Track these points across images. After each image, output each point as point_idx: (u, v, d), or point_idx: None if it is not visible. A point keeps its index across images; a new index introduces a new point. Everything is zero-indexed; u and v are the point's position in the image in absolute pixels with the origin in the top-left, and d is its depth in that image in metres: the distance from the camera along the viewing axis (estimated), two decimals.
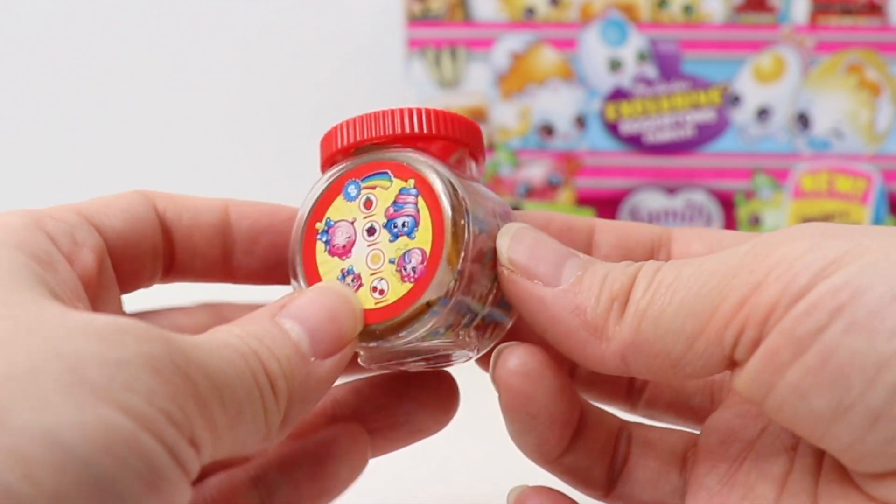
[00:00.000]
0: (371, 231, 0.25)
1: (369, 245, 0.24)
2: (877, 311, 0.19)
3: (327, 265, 0.25)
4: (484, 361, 0.27)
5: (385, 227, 0.24)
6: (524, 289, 0.24)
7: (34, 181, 0.73)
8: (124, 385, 0.17)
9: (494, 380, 0.25)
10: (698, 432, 0.27)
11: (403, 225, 0.24)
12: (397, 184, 0.24)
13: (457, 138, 0.25)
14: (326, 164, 0.26)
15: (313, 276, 0.25)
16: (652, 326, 0.23)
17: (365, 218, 0.25)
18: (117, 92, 0.73)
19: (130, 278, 0.26)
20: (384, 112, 0.25)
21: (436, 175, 0.24)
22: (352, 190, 0.25)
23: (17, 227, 0.21)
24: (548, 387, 0.25)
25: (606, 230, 0.28)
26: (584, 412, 0.27)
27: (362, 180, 0.25)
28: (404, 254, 0.24)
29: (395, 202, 0.24)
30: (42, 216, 0.23)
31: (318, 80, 0.71)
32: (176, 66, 0.73)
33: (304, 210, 0.26)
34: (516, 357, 0.25)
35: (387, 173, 0.25)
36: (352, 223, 0.25)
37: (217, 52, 0.73)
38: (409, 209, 0.24)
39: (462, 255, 0.24)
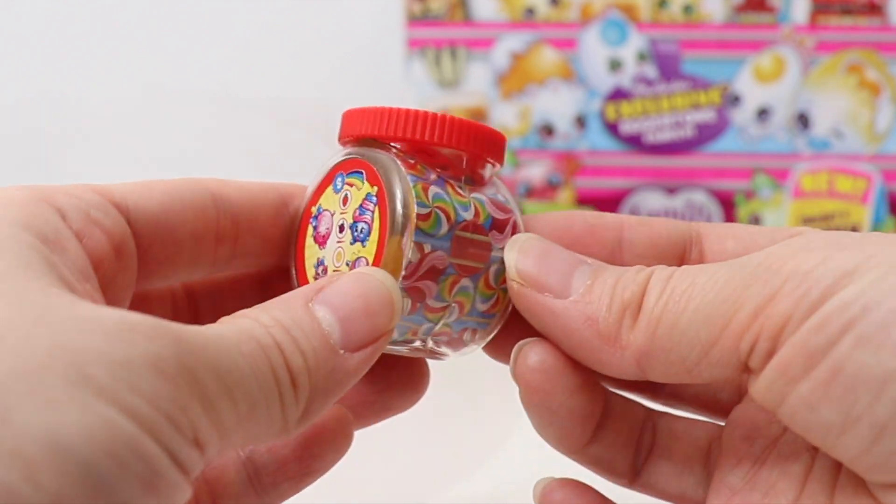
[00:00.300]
0: (341, 228, 0.25)
1: (338, 242, 0.25)
2: (884, 326, 0.20)
3: (311, 250, 0.26)
4: (504, 355, 0.27)
5: (350, 228, 0.25)
6: (535, 302, 0.24)
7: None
8: (129, 386, 0.16)
9: (514, 377, 0.25)
10: (723, 423, 0.27)
11: (361, 231, 0.24)
12: (366, 188, 0.25)
13: (452, 146, 0.25)
14: (342, 142, 0.27)
15: (300, 259, 0.26)
16: (667, 334, 0.23)
17: (340, 214, 0.25)
18: (117, 93, 0.73)
19: (164, 265, 0.25)
20: (380, 110, 0.25)
21: (398, 189, 0.24)
22: (338, 182, 0.25)
23: (22, 202, 0.21)
24: (568, 383, 0.25)
25: (636, 227, 0.27)
26: (609, 403, 0.27)
27: (347, 175, 0.25)
28: (356, 259, 0.24)
29: (360, 206, 0.24)
30: (53, 191, 0.22)
31: (318, 80, 0.71)
32: (176, 65, 0.73)
33: (308, 192, 0.26)
34: (536, 354, 0.25)
35: (361, 174, 0.25)
36: (332, 216, 0.25)
37: (218, 52, 0.73)
38: (367, 217, 0.24)
39: (402, 273, 0.23)
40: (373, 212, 0.24)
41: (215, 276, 0.28)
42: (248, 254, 0.26)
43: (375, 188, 0.24)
